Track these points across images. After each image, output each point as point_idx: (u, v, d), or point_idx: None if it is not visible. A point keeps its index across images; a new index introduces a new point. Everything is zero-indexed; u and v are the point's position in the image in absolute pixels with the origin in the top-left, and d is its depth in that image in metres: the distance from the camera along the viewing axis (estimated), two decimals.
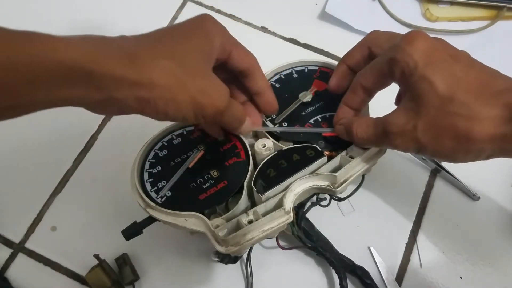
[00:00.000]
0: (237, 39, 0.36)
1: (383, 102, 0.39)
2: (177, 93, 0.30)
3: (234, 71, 0.37)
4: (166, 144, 0.41)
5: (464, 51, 0.33)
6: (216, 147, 0.40)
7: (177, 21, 0.62)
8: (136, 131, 0.47)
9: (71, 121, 0.53)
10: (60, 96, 0.27)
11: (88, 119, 0.53)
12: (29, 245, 0.49)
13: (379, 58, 0.34)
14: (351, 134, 0.37)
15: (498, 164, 0.51)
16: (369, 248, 0.47)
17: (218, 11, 0.62)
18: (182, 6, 0.63)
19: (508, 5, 0.60)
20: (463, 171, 0.51)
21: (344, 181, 0.38)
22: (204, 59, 0.33)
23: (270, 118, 0.42)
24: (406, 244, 0.48)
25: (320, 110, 0.42)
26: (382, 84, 0.35)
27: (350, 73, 0.39)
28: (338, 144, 0.40)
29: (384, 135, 0.34)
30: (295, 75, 0.45)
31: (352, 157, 0.39)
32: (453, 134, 0.30)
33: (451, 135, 0.30)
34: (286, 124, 0.42)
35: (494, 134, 0.29)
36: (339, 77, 0.40)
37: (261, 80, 0.38)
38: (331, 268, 0.45)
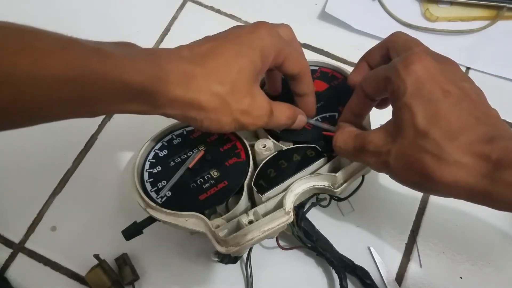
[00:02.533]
0: (294, 41, 0.38)
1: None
2: (222, 116, 0.33)
3: (285, 74, 0.38)
4: (166, 144, 0.41)
5: (465, 79, 0.32)
6: (216, 147, 0.40)
7: (177, 21, 0.62)
8: (136, 131, 0.47)
9: (71, 121, 0.52)
10: (115, 110, 0.31)
11: (88, 119, 0.52)
12: (29, 245, 0.49)
13: (381, 69, 0.34)
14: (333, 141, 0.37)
15: None
16: (369, 248, 0.47)
17: (218, 11, 0.62)
18: (182, 6, 0.63)
19: (508, 5, 0.59)
20: None
21: (344, 182, 0.38)
22: (254, 78, 0.34)
23: None
24: (406, 244, 0.48)
25: (320, 110, 0.42)
26: (381, 94, 0.35)
27: (369, 70, 0.39)
28: None
29: (360, 151, 0.34)
30: None
31: None
32: (419, 169, 0.29)
33: (417, 169, 0.29)
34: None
35: (461, 182, 0.27)
36: (358, 73, 0.39)
37: (308, 85, 0.39)
38: (331, 268, 0.45)
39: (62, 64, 0.25)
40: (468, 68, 0.58)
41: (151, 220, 0.38)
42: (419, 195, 0.50)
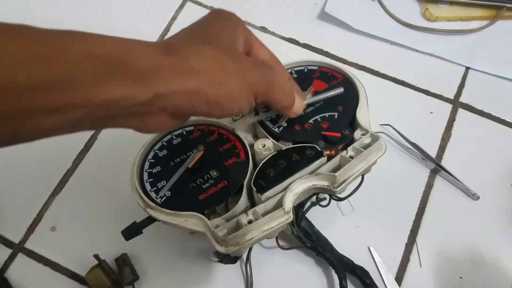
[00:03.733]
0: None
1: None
2: (223, 75, 0.28)
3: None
4: (165, 144, 0.41)
5: None
6: (215, 147, 0.40)
7: (177, 21, 0.62)
8: (136, 131, 0.47)
9: None
10: (98, 98, 0.23)
11: None
12: (28, 245, 0.49)
13: None
14: None
15: (498, 164, 0.52)
16: (368, 248, 0.48)
17: None
18: (181, 6, 0.63)
19: (508, 5, 0.60)
20: (463, 170, 0.51)
21: (344, 181, 0.38)
22: (238, 47, 0.33)
23: (270, 118, 0.42)
24: (405, 244, 0.48)
25: (320, 110, 0.42)
26: None
27: None
28: (338, 144, 0.40)
29: None
30: (295, 75, 0.45)
31: (351, 157, 0.39)
32: None
33: None
34: (286, 125, 0.41)
35: None
36: None
37: (282, 74, 0.37)
38: (331, 268, 0.45)
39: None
40: (467, 68, 0.58)
41: (150, 220, 0.38)
42: (418, 194, 0.51)
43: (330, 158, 0.39)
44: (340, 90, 0.41)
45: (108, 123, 0.26)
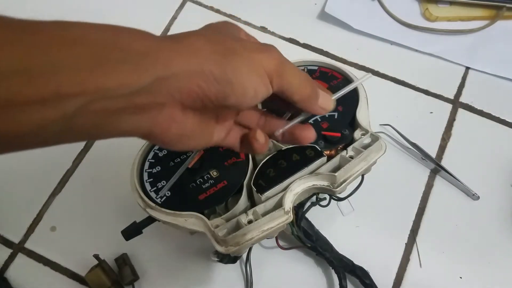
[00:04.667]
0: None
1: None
2: (227, 52, 0.25)
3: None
4: None
5: None
6: (215, 147, 0.40)
7: (177, 21, 0.62)
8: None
9: None
10: (93, 85, 0.21)
11: None
12: (28, 245, 0.49)
13: None
14: None
15: (498, 164, 0.52)
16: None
17: (218, 11, 0.62)
18: (181, 6, 0.63)
19: (508, 5, 0.59)
20: (463, 170, 0.51)
21: (344, 181, 0.38)
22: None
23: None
24: (405, 244, 0.48)
25: None
26: None
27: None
28: (338, 144, 0.40)
29: None
30: None
31: (351, 157, 0.39)
32: None
33: None
34: None
35: None
36: None
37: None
38: (331, 268, 0.45)
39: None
40: (467, 68, 0.58)
41: (150, 220, 0.38)
42: (418, 194, 0.51)
43: (330, 158, 0.39)
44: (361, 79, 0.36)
45: (110, 122, 0.23)
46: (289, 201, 0.37)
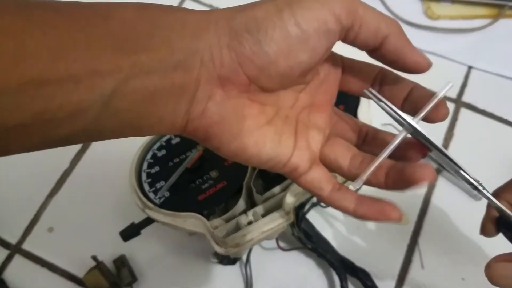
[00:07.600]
0: None
1: None
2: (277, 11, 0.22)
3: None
4: (164, 144, 0.41)
5: None
6: None
7: None
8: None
9: None
10: (128, 61, 0.20)
11: None
12: (26, 246, 0.49)
13: None
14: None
15: (500, 164, 0.51)
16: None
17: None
18: (180, 4, 0.63)
19: (510, 4, 0.59)
20: (465, 170, 0.50)
21: (344, 181, 0.38)
22: None
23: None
24: (407, 245, 0.48)
25: None
26: None
27: None
28: None
29: None
30: None
31: None
32: None
33: None
34: None
35: None
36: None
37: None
38: (332, 269, 0.45)
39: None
40: (470, 67, 0.57)
41: (149, 221, 0.38)
42: (420, 195, 0.50)
43: None
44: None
45: (148, 106, 0.21)
46: (289, 202, 0.36)
